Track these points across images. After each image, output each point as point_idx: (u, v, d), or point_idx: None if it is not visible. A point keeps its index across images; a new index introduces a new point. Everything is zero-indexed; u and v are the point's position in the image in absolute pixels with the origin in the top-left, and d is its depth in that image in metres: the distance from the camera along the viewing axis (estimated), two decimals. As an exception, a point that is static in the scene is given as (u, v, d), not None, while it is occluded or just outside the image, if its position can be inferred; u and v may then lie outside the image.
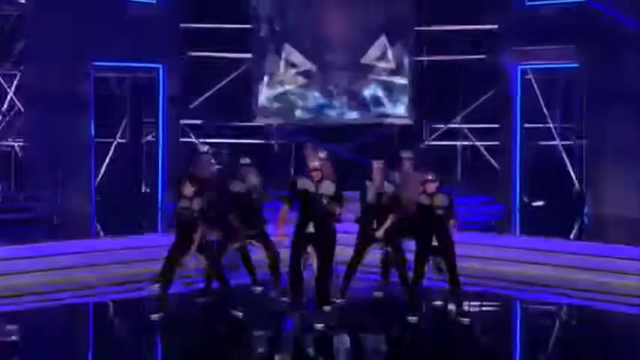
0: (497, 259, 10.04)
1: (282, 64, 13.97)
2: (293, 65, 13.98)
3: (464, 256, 9.25)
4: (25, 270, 9.25)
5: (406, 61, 14.01)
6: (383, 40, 14.00)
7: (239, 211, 8.28)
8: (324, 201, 7.67)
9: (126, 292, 9.12)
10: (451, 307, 7.95)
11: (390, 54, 13.97)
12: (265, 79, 14.02)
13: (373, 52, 14.02)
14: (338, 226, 7.98)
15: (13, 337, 7.62)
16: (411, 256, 8.01)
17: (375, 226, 7.95)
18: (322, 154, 8.78)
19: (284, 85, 14.01)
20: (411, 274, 7.86)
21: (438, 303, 8.45)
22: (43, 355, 7.03)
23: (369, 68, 14.03)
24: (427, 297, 8.35)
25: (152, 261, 9.02)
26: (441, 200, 7.77)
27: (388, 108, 14.08)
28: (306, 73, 14.02)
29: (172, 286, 7.90)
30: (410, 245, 8.15)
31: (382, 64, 14.02)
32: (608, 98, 12.47)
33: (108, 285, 9.23)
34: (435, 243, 7.75)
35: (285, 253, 8.13)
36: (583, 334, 7.97)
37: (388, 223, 7.89)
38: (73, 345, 7.35)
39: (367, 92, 14.07)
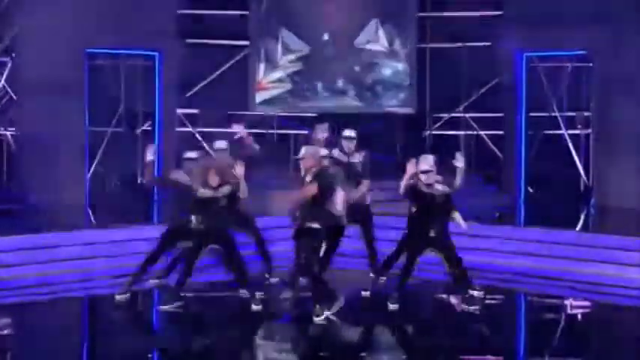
0: (501, 251, 9.84)
1: (279, 49, 13.72)
2: (290, 51, 13.74)
3: (468, 248, 9.09)
4: (16, 262, 9.07)
5: (408, 48, 13.77)
6: (385, 27, 13.77)
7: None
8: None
9: (121, 285, 8.94)
10: (454, 299, 7.77)
11: (392, 41, 13.75)
12: (263, 66, 13.79)
13: (374, 39, 13.80)
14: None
15: (6, 331, 7.45)
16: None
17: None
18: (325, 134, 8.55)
19: (282, 72, 13.78)
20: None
21: (443, 296, 8.27)
22: (36, 349, 6.85)
23: (370, 56, 13.80)
24: (432, 290, 8.21)
25: (147, 253, 8.82)
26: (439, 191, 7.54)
27: (389, 96, 13.85)
28: (304, 60, 13.79)
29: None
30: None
31: (383, 52, 13.79)
32: (615, 86, 12.27)
33: (102, 278, 9.04)
34: (432, 234, 7.53)
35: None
36: (588, 328, 7.83)
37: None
38: (66, 339, 7.21)
39: (368, 81, 13.84)
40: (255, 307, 7.59)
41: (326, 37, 13.80)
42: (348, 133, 8.53)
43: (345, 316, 7.47)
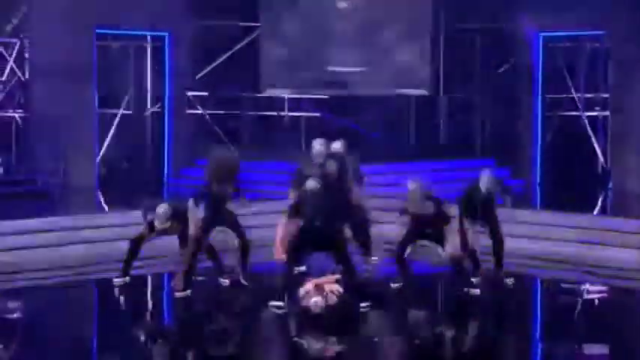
0: (517, 235, 9.65)
1: (290, 28, 13.51)
2: (302, 30, 13.54)
3: (481, 233, 8.89)
4: (26, 245, 8.98)
5: (422, 29, 13.51)
6: (399, 8, 13.52)
7: None
8: None
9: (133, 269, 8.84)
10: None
11: (405, 22, 13.50)
12: (274, 46, 13.58)
13: (388, 19, 13.55)
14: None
15: (16, 315, 7.38)
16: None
17: None
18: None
19: (293, 52, 13.57)
20: None
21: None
22: (46, 333, 6.77)
23: (383, 37, 13.56)
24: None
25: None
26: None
27: (403, 79, 13.62)
28: (316, 40, 13.56)
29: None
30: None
31: (397, 33, 13.55)
32: (634, 67, 12.01)
33: (112, 261, 8.94)
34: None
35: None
36: (605, 313, 7.68)
37: None
38: (75, 323, 7.12)
39: (381, 62, 13.61)
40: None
41: (339, 17, 13.55)
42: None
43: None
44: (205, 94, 13.80)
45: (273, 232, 7.92)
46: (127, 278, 7.98)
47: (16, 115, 12.43)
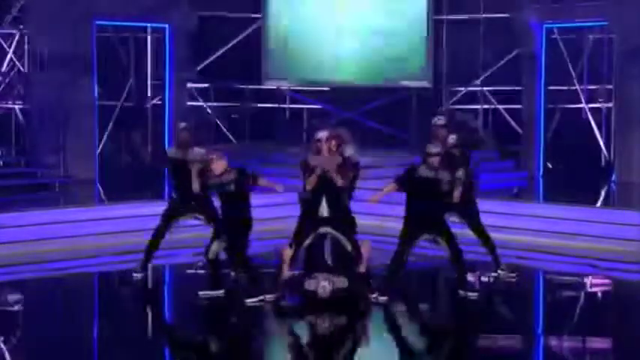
0: (519, 228, 9.62)
1: (289, 19, 13.46)
2: (303, 23, 13.49)
3: (485, 225, 8.84)
4: (26, 238, 8.97)
5: (424, 20, 13.45)
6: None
7: None
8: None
9: (131, 262, 8.82)
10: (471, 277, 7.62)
11: (407, 13, 13.45)
12: (275, 38, 13.54)
13: (389, 10, 13.50)
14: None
15: (14, 308, 7.36)
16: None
17: None
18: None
19: (293, 45, 13.52)
20: None
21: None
22: (44, 326, 6.74)
23: (385, 28, 13.51)
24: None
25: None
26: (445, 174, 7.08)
27: (405, 70, 13.58)
28: (316, 32, 13.52)
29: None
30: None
31: (398, 23, 13.50)
32: (637, 58, 11.93)
33: (112, 254, 8.92)
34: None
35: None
36: (609, 306, 7.64)
37: None
38: (74, 316, 7.09)
39: (383, 53, 13.56)
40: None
41: (338, 10, 13.51)
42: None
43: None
44: (206, 85, 13.77)
45: (275, 225, 7.87)
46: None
47: (16, 107, 12.41)
